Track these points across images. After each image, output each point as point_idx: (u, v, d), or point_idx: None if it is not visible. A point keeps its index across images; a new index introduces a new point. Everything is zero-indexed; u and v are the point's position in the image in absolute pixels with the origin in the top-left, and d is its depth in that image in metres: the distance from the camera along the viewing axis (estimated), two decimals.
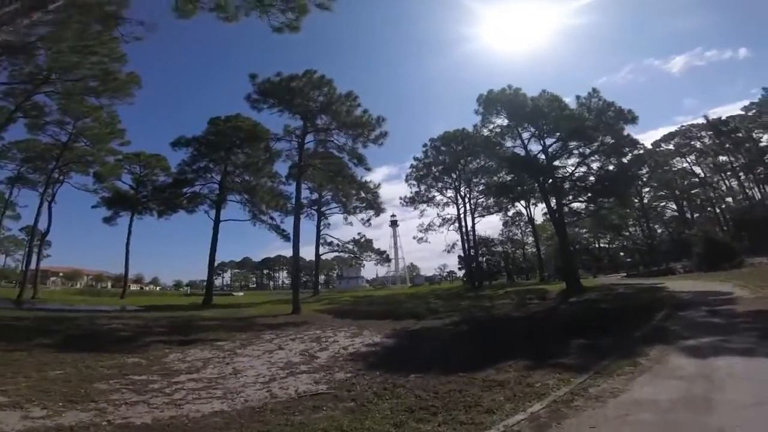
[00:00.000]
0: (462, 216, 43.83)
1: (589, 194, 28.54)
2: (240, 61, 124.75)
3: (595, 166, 28.62)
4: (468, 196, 43.99)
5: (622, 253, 60.80)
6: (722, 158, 50.12)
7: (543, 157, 28.26)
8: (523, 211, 49.49)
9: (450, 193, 44.50)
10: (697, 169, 54.78)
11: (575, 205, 30.58)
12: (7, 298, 28.83)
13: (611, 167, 28.23)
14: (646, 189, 52.81)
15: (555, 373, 5.86)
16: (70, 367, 7.63)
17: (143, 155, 40.88)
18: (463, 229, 44.03)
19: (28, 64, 20.27)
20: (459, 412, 4.71)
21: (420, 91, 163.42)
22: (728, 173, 51.13)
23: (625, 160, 29.81)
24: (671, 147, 55.38)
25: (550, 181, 27.93)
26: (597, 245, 60.04)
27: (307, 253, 76.54)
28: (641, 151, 44.53)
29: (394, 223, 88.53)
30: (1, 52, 17.76)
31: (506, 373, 6.24)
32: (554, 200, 27.80)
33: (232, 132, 32.10)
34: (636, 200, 48.69)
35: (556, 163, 28.84)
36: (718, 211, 53.16)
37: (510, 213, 49.05)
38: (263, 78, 25.27)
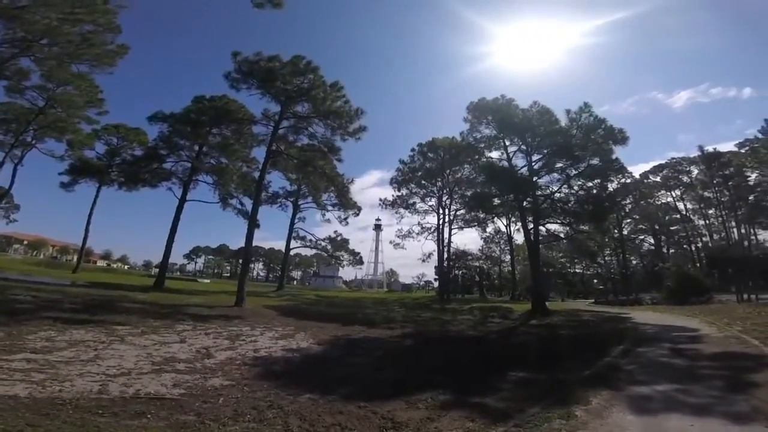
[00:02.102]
0: (441, 226, 42.72)
1: (569, 217, 27.59)
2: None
3: (577, 187, 27.73)
4: (449, 206, 42.96)
5: (595, 280, 60.70)
6: (707, 194, 50.11)
7: (526, 172, 27.32)
8: (503, 228, 48.93)
9: (432, 201, 43.33)
10: (680, 205, 55.13)
11: (552, 226, 29.54)
12: None
13: (594, 191, 27.38)
14: (627, 220, 52.82)
15: (469, 418, 4.62)
16: None
17: (123, 128, 39.59)
18: (441, 240, 42.94)
19: (21, 29, 19.41)
20: None
21: (426, 103, 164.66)
22: (711, 210, 51.31)
23: (610, 187, 28.99)
24: (658, 179, 55.59)
25: (529, 198, 26.96)
26: (572, 270, 59.82)
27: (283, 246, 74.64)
28: (629, 180, 44.50)
29: (377, 227, 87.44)
30: None
31: (414, 410, 4.99)
32: (531, 219, 26.82)
33: (212, 112, 30.46)
34: (615, 230, 48.45)
35: (539, 181, 27.92)
36: (693, 248, 53.39)
37: (488, 229, 47.94)
38: (243, 57, 23.86)
